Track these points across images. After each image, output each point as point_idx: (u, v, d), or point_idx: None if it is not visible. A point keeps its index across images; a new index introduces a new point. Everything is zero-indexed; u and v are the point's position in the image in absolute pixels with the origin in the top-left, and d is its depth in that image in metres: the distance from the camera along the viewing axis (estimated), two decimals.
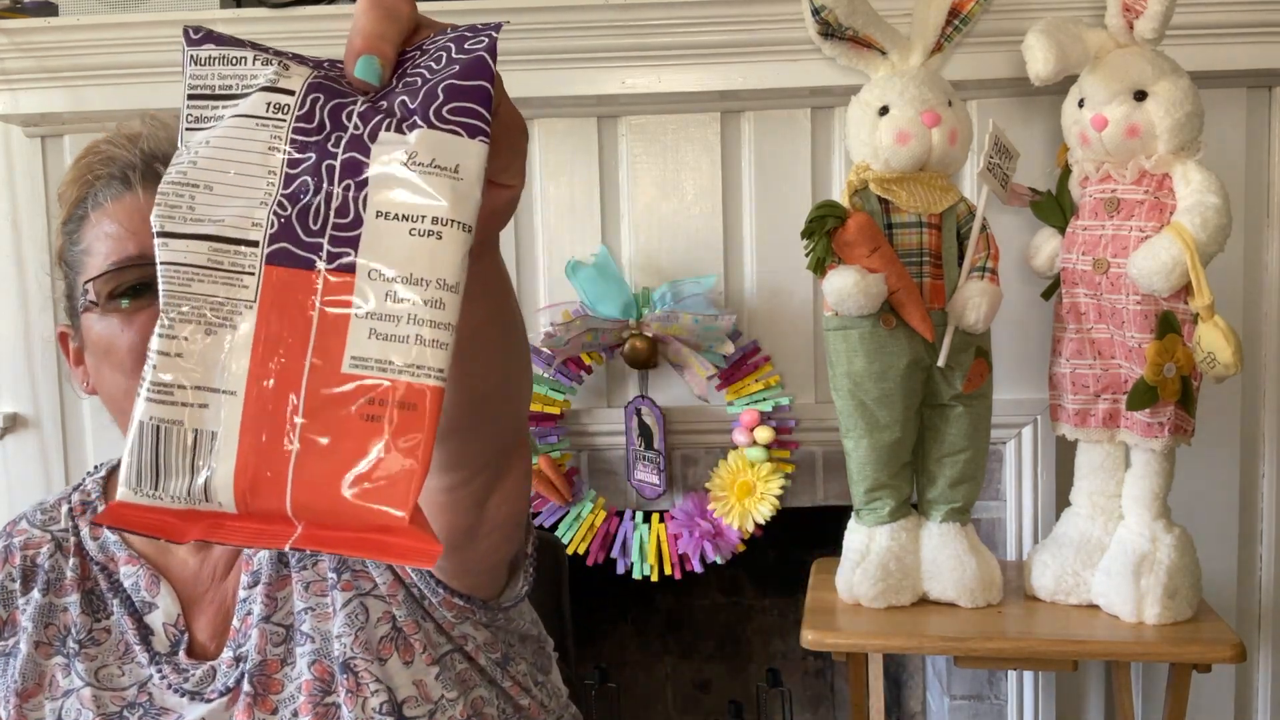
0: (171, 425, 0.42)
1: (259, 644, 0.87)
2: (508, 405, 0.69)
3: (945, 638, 1.41)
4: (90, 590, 0.92)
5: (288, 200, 0.41)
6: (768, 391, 1.73)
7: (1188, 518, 1.51)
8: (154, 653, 0.90)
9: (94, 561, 0.93)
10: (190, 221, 0.41)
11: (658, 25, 1.61)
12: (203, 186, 0.41)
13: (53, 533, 0.95)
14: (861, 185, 1.45)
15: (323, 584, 0.88)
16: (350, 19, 0.47)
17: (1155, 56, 1.42)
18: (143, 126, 0.90)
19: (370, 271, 0.41)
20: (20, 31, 1.63)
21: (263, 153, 0.41)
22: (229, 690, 0.87)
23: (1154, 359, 1.38)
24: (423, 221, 0.41)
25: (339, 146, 0.41)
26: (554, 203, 1.74)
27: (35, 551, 0.93)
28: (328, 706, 0.86)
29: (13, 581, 0.92)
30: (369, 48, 0.43)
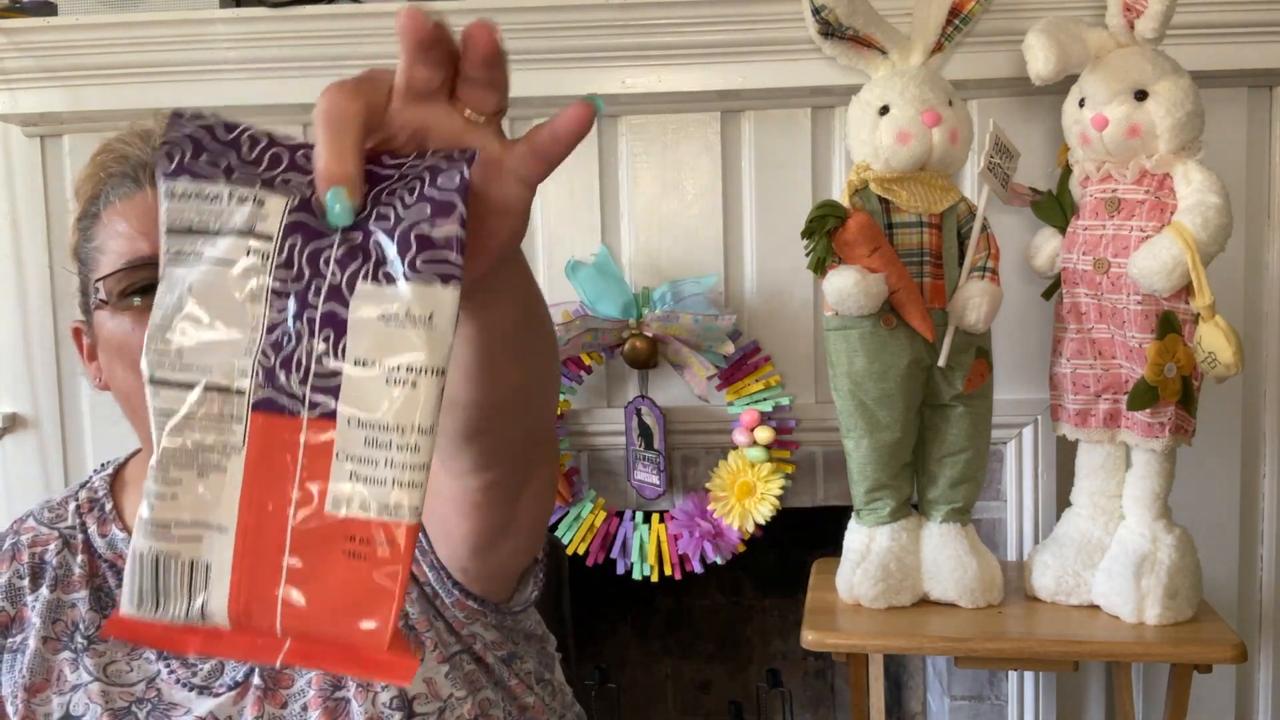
0: (169, 557, 0.44)
1: None
2: (534, 404, 0.70)
3: (946, 638, 1.41)
4: (99, 587, 0.92)
5: (271, 349, 0.43)
6: (768, 391, 1.73)
7: (1188, 518, 1.50)
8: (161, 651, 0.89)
9: (102, 559, 0.93)
10: (179, 369, 0.43)
11: (658, 25, 1.61)
12: (190, 335, 0.43)
13: (60, 530, 0.95)
14: (862, 185, 1.45)
15: None
16: (349, 19, 0.46)
17: (1156, 56, 1.42)
18: (155, 124, 0.91)
19: (350, 419, 0.43)
20: (19, 31, 1.63)
21: (246, 302, 0.43)
22: (237, 685, 0.88)
23: (1155, 359, 1.38)
24: (399, 371, 0.43)
25: (318, 297, 0.43)
26: (554, 203, 1.74)
27: (43, 548, 0.94)
28: (337, 701, 0.86)
29: (20, 579, 0.93)
30: (331, 183, 0.43)
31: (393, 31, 1.56)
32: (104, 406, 1.79)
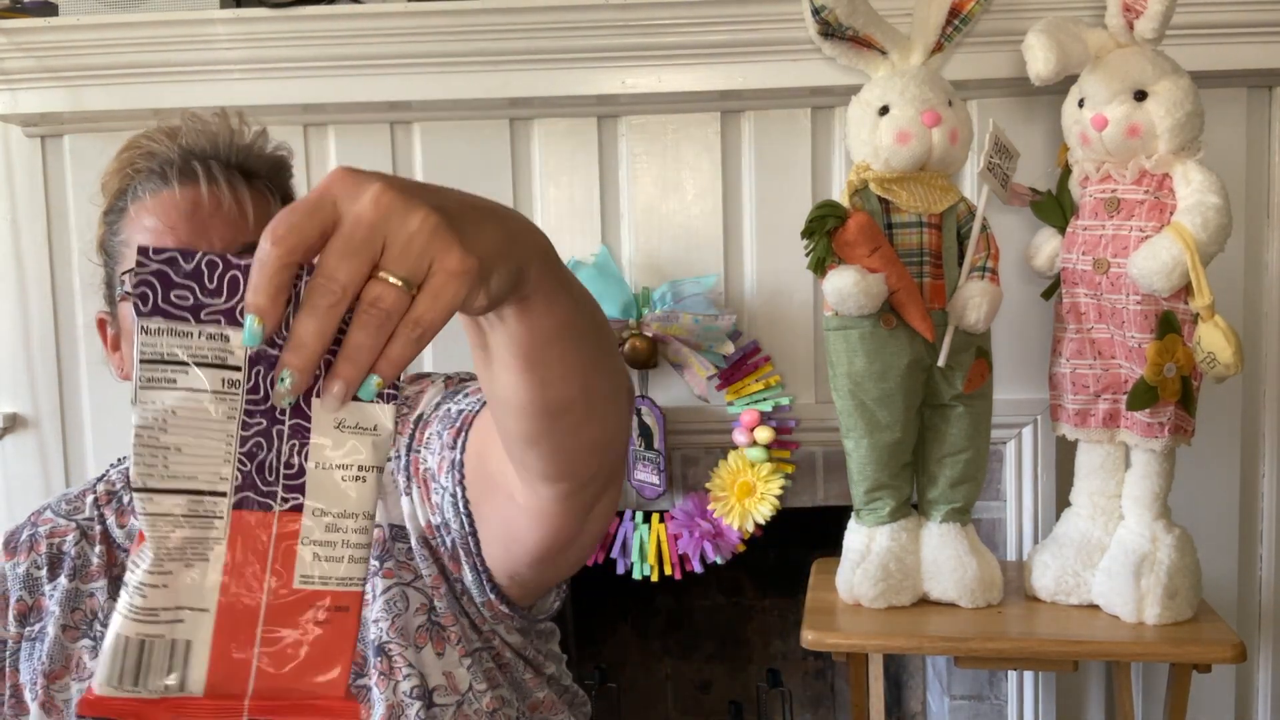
0: (153, 639, 0.50)
1: None
2: (595, 415, 0.71)
3: (945, 638, 1.41)
4: (117, 576, 0.94)
5: (246, 458, 0.51)
6: (768, 391, 1.73)
7: (1188, 518, 1.51)
8: None
9: (121, 548, 0.96)
10: (167, 478, 0.50)
11: (658, 25, 1.61)
12: (174, 449, 0.50)
13: (78, 521, 0.97)
14: (862, 185, 1.45)
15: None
16: (350, 19, 0.47)
17: (1155, 56, 1.42)
18: (182, 123, 0.94)
19: (313, 510, 0.52)
20: (20, 31, 1.63)
21: (222, 421, 0.51)
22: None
23: (1154, 359, 1.38)
24: (351, 469, 0.53)
25: (284, 415, 0.52)
26: (554, 203, 1.74)
27: (61, 539, 0.97)
28: (359, 689, 0.88)
29: (39, 569, 0.95)
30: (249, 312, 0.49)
31: (393, 31, 1.57)
32: (104, 406, 1.80)
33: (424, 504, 0.89)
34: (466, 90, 1.66)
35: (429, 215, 0.49)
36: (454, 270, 0.50)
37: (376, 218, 0.49)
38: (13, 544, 0.98)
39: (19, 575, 0.96)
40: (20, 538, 0.98)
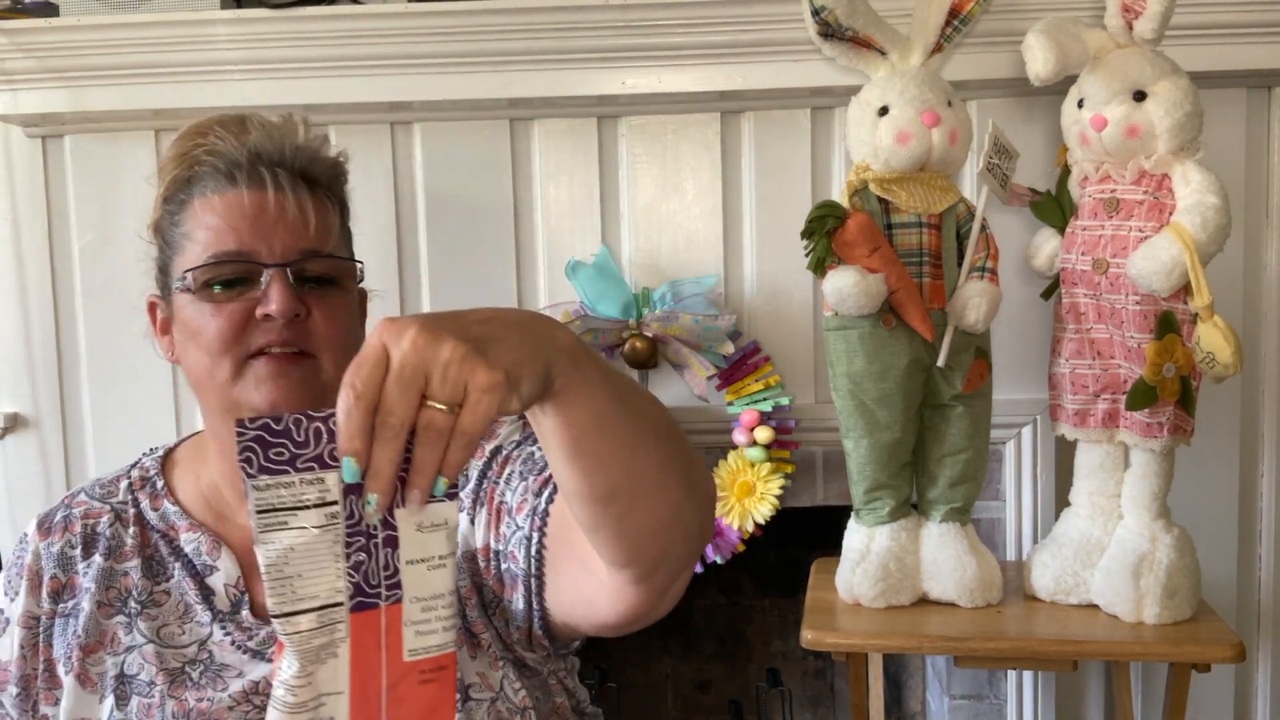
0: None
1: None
2: (641, 503, 0.75)
3: (945, 637, 1.41)
4: (150, 556, 0.99)
5: (353, 569, 0.63)
6: (768, 391, 1.73)
7: (1187, 518, 1.51)
8: (216, 611, 0.97)
9: (154, 530, 1.00)
10: (296, 601, 0.62)
11: (658, 26, 1.61)
12: (296, 577, 0.62)
13: (112, 504, 1.02)
14: (861, 185, 1.45)
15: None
16: (350, 20, 0.48)
17: (1155, 57, 1.42)
18: (251, 128, 0.96)
19: (410, 599, 0.66)
20: (21, 32, 1.63)
21: (330, 545, 0.62)
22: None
23: (1153, 359, 1.38)
24: (433, 560, 0.66)
25: (375, 530, 0.64)
26: (554, 203, 1.74)
27: (95, 520, 1.01)
28: None
29: (73, 548, 0.99)
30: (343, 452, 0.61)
31: (393, 32, 1.58)
32: (105, 406, 1.80)
33: (489, 530, 0.93)
34: (467, 90, 1.66)
35: (456, 346, 0.61)
36: (484, 386, 0.61)
37: (416, 358, 0.60)
38: (47, 525, 1.02)
39: (53, 554, 1.00)
40: (54, 519, 1.02)
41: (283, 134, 0.96)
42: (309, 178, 0.97)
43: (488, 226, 1.75)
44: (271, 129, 0.96)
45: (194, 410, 1.79)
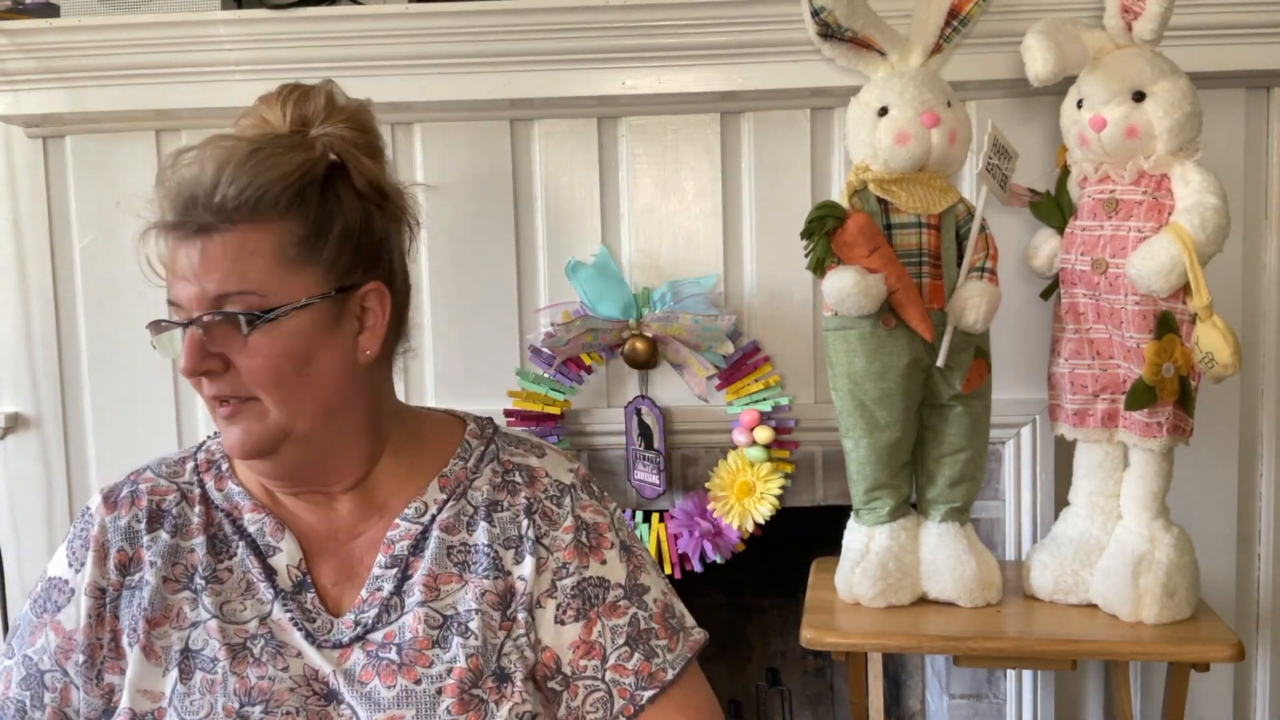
0: None
1: (412, 624, 0.97)
2: None
3: (944, 637, 1.42)
4: (214, 535, 1.01)
5: None
6: (767, 391, 1.73)
7: (1186, 517, 1.51)
8: (278, 589, 0.99)
9: (219, 509, 1.03)
10: None
11: (658, 26, 1.62)
12: None
13: (178, 484, 1.04)
14: (861, 186, 1.46)
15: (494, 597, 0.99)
16: (351, 20, 0.48)
17: (1154, 57, 1.43)
18: (171, 175, 0.94)
19: None
20: (22, 32, 1.63)
21: None
22: (341, 645, 0.97)
23: (1152, 359, 1.38)
24: None
25: None
26: (554, 203, 1.75)
27: (161, 498, 1.03)
28: (473, 698, 0.95)
29: (139, 522, 1.01)
30: None
31: (394, 33, 1.59)
32: (106, 406, 1.80)
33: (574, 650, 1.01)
34: (467, 91, 1.66)
35: None
36: None
37: None
38: (113, 499, 1.03)
39: (120, 528, 1.01)
40: (120, 494, 1.04)
41: (197, 175, 0.93)
42: (235, 209, 0.93)
43: (488, 226, 1.75)
44: (187, 166, 0.93)
45: (193, 410, 1.79)
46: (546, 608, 1.00)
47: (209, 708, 0.94)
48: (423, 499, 1.03)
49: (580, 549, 1.03)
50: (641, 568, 1.06)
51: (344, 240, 0.97)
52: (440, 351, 1.77)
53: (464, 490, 1.04)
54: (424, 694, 0.94)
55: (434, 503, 1.03)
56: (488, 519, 1.02)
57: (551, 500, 1.04)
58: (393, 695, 0.94)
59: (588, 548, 1.03)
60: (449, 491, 1.03)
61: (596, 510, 1.06)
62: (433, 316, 1.76)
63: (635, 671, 1.01)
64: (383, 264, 1.01)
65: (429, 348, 1.78)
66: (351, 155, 0.99)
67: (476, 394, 1.76)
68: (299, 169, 0.95)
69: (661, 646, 1.03)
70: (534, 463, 1.07)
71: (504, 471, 1.05)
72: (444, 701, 0.94)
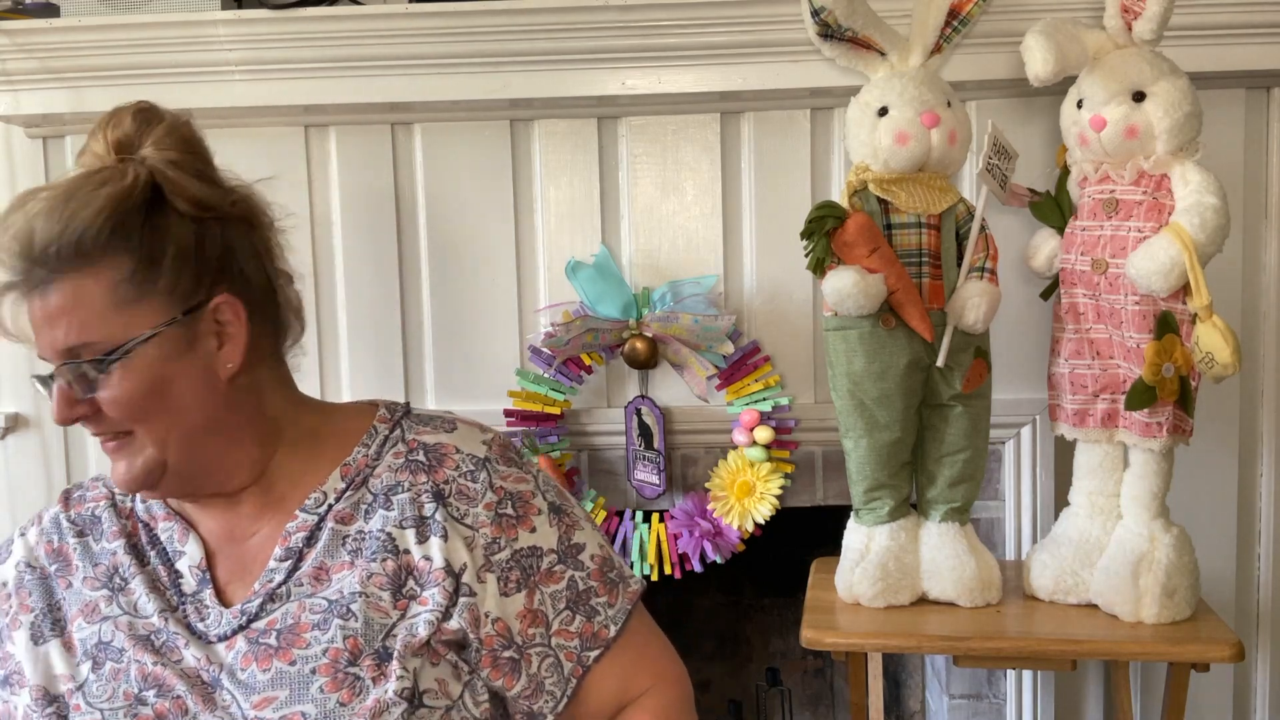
0: None
1: (295, 610, 0.98)
2: None
3: (944, 637, 1.42)
4: (134, 542, 1.06)
5: None
6: (767, 391, 1.73)
7: (1186, 517, 1.51)
8: (182, 592, 1.03)
9: (140, 520, 1.08)
10: None
11: (658, 26, 1.62)
12: None
13: (113, 491, 1.10)
14: (861, 186, 1.46)
15: (382, 579, 0.99)
16: (351, 21, 0.47)
17: (1154, 57, 1.43)
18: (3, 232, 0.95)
19: None
20: (22, 32, 1.63)
21: None
22: (225, 637, 0.99)
23: (1152, 359, 1.38)
24: None
25: None
26: (554, 203, 1.75)
27: (96, 504, 1.09)
28: (348, 675, 0.95)
29: (71, 523, 1.08)
30: None
31: (394, 33, 1.59)
32: None
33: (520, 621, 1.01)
34: (467, 91, 1.66)
35: None
36: None
37: None
38: (66, 496, 1.12)
39: (56, 521, 1.09)
40: (74, 494, 1.11)
41: (24, 233, 0.94)
42: (58, 258, 0.93)
43: (488, 226, 1.75)
44: (19, 227, 0.94)
45: None
46: (487, 582, 1.00)
47: (111, 692, 0.99)
48: (322, 489, 1.02)
49: (505, 522, 1.02)
50: (575, 525, 1.06)
51: (180, 263, 0.96)
52: (440, 351, 1.77)
53: (365, 478, 1.03)
54: (297, 674, 0.95)
55: (333, 492, 1.02)
56: (385, 504, 1.01)
57: (466, 477, 1.02)
58: (267, 678, 0.95)
59: (514, 519, 1.02)
60: (349, 480, 1.03)
61: (517, 479, 1.05)
62: (433, 316, 1.77)
63: (579, 634, 1.02)
64: (232, 274, 0.99)
65: (429, 348, 1.78)
66: (166, 177, 0.97)
67: (476, 394, 1.76)
68: (110, 204, 0.94)
69: (602, 604, 1.04)
70: (443, 439, 1.05)
71: (408, 451, 1.04)
72: (317, 680, 0.94)
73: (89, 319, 0.94)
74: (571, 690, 1.02)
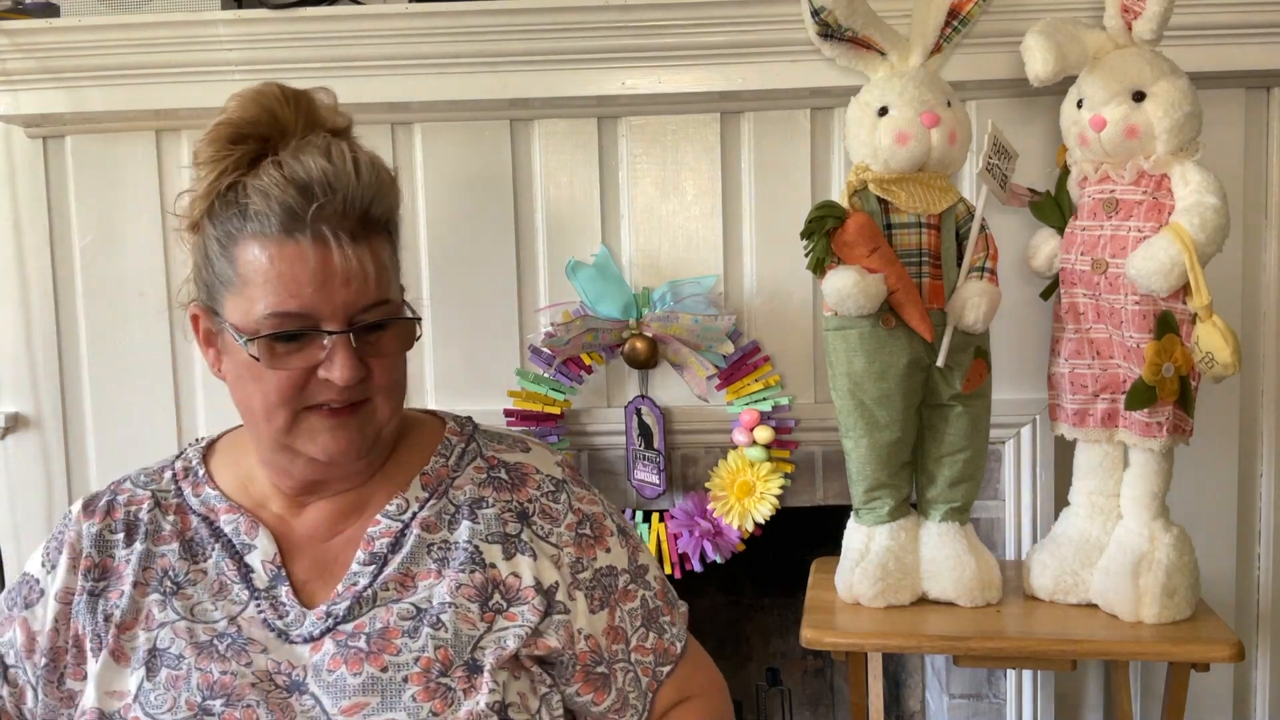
0: None
1: (384, 615, 0.98)
2: None
3: (944, 637, 1.42)
4: (190, 539, 1.03)
5: None
6: (767, 391, 1.73)
7: (1186, 517, 1.51)
8: (254, 588, 1.01)
9: (195, 514, 1.05)
10: None
11: (658, 26, 1.62)
12: None
13: (153, 491, 1.06)
14: (861, 186, 1.46)
15: (471, 590, 1.00)
16: (351, 20, 0.47)
17: (1154, 57, 1.43)
18: (303, 167, 0.93)
19: None
20: (22, 32, 1.63)
21: None
22: (312, 639, 0.98)
23: (1152, 359, 1.38)
24: None
25: None
26: (554, 203, 1.75)
27: (137, 507, 1.05)
28: (439, 685, 0.96)
29: (113, 533, 1.04)
30: None
31: (394, 33, 1.59)
32: (106, 406, 1.80)
33: (605, 637, 1.04)
34: (467, 91, 1.66)
35: None
36: None
37: None
38: (91, 507, 1.06)
39: (92, 535, 1.03)
40: (99, 502, 1.06)
41: (342, 179, 0.93)
42: (367, 222, 0.96)
43: (488, 226, 1.75)
44: (330, 175, 0.93)
45: (193, 410, 1.80)
46: (577, 599, 1.03)
47: (172, 702, 0.96)
48: (405, 496, 1.04)
49: (585, 542, 1.05)
50: (639, 548, 1.11)
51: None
52: (440, 351, 1.77)
53: (445, 488, 1.05)
54: (390, 681, 0.95)
55: (415, 500, 1.04)
56: (470, 516, 1.03)
57: (548, 498, 1.06)
58: (358, 682, 0.95)
59: (592, 539, 1.06)
60: (430, 489, 1.04)
61: (590, 500, 1.09)
62: (433, 316, 1.77)
63: (653, 650, 1.08)
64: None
65: (429, 348, 1.78)
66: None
67: (476, 394, 1.76)
68: (398, 188, 1.00)
69: (667, 623, 1.10)
70: (521, 458, 1.08)
71: (488, 468, 1.07)
72: (410, 689, 0.95)
73: (388, 280, 0.97)
74: (648, 704, 1.07)
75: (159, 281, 1.77)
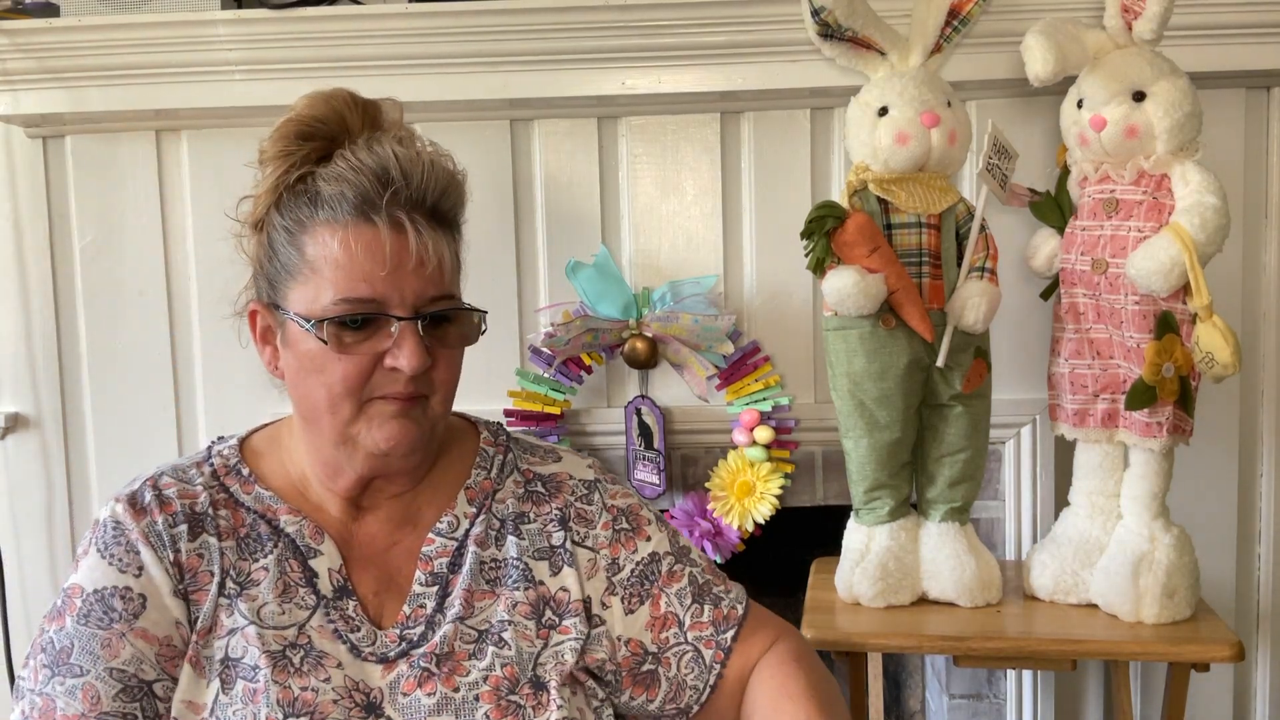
0: None
1: (451, 636, 0.97)
2: None
3: (944, 637, 1.42)
4: (245, 536, 0.98)
5: None
6: (767, 391, 1.73)
7: (1186, 517, 1.51)
8: (320, 595, 0.97)
9: (251, 511, 0.99)
10: None
11: (658, 26, 1.62)
12: None
13: (202, 485, 1.00)
14: (861, 186, 1.46)
15: (526, 607, 1.00)
16: (351, 20, 0.47)
17: (1154, 57, 1.43)
18: (381, 153, 0.93)
19: None
20: (22, 32, 1.63)
21: None
22: (386, 659, 0.96)
23: (1152, 359, 1.38)
24: None
25: None
26: (554, 203, 1.75)
27: (191, 500, 0.98)
28: (510, 703, 0.96)
29: (174, 526, 0.96)
30: None
31: (393, 33, 1.59)
32: (106, 406, 1.80)
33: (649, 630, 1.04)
34: (467, 91, 1.66)
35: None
36: None
37: None
38: (139, 504, 0.97)
39: (158, 532, 0.96)
40: (144, 499, 0.98)
41: (416, 167, 0.94)
42: (437, 213, 0.96)
43: (487, 226, 1.75)
44: (405, 161, 0.93)
45: (194, 410, 1.79)
46: (612, 606, 1.04)
47: (251, 717, 0.92)
48: (454, 513, 1.03)
49: (623, 537, 1.06)
50: (677, 532, 1.12)
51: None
52: None
53: (489, 503, 1.05)
54: (462, 700, 0.95)
55: (465, 516, 1.03)
56: (516, 532, 1.03)
57: (581, 500, 1.07)
58: (432, 703, 0.95)
59: (631, 532, 1.07)
60: (477, 505, 1.04)
61: (624, 494, 1.10)
62: None
63: (712, 621, 1.06)
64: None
65: None
66: None
67: (476, 394, 1.75)
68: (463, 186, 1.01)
69: (722, 591, 1.08)
70: (554, 469, 1.09)
71: (525, 482, 1.07)
72: (482, 707, 0.95)
73: (457, 273, 0.98)
74: (715, 678, 1.04)
75: (159, 281, 1.77)
